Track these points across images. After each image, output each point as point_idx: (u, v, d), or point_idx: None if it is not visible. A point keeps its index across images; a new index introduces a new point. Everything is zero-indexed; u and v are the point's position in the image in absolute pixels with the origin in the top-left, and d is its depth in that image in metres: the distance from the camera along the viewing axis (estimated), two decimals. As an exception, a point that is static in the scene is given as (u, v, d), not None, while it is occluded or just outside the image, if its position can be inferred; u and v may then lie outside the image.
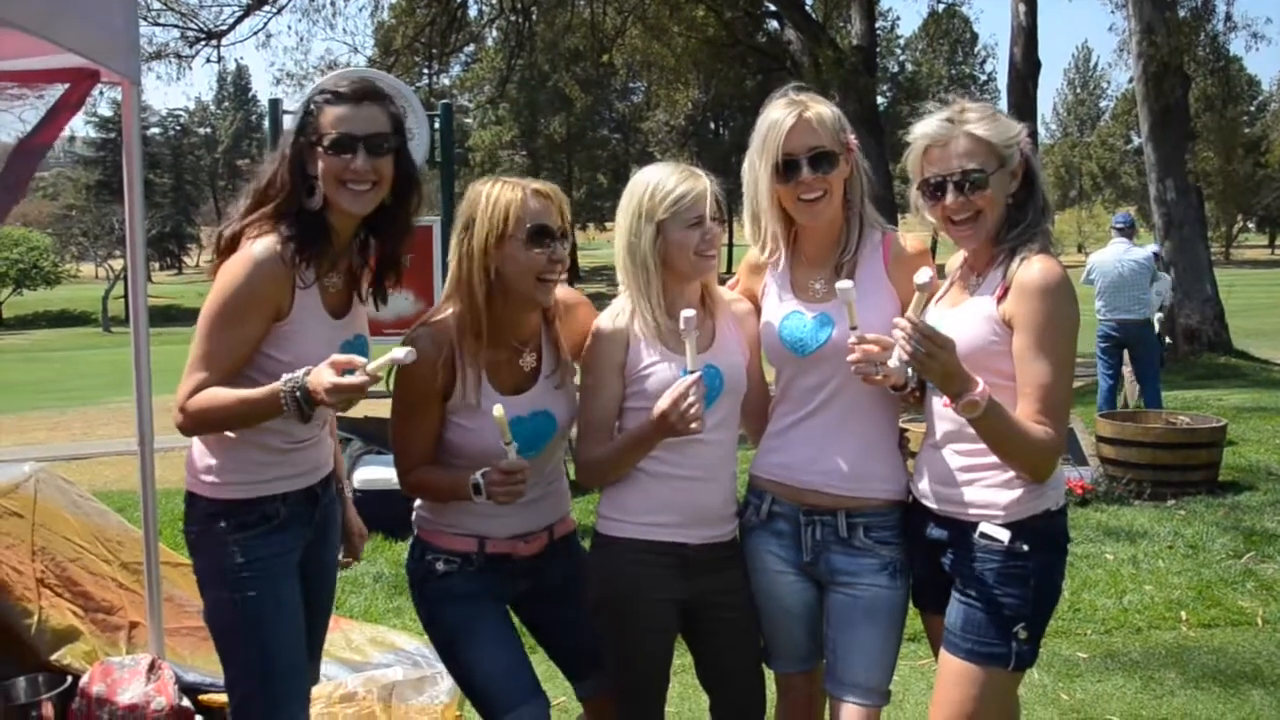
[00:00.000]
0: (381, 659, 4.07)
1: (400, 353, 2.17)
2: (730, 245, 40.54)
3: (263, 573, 2.50)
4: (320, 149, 2.39)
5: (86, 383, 22.09)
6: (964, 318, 2.35)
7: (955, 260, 2.54)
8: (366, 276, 2.63)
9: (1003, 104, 17.26)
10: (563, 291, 2.58)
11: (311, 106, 2.43)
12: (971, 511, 2.35)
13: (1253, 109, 64.26)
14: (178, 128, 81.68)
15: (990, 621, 2.31)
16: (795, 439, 2.55)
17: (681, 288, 2.52)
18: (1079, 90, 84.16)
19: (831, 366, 2.43)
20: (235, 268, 2.34)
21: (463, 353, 2.47)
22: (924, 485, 2.46)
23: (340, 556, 2.91)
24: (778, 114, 2.46)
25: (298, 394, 2.21)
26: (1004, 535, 2.30)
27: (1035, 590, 2.31)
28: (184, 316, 45.50)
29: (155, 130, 75.05)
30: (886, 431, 2.55)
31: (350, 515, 2.97)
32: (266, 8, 17.90)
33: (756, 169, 2.50)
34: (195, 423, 2.36)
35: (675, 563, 2.52)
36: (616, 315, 2.54)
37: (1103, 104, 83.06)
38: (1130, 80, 17.46)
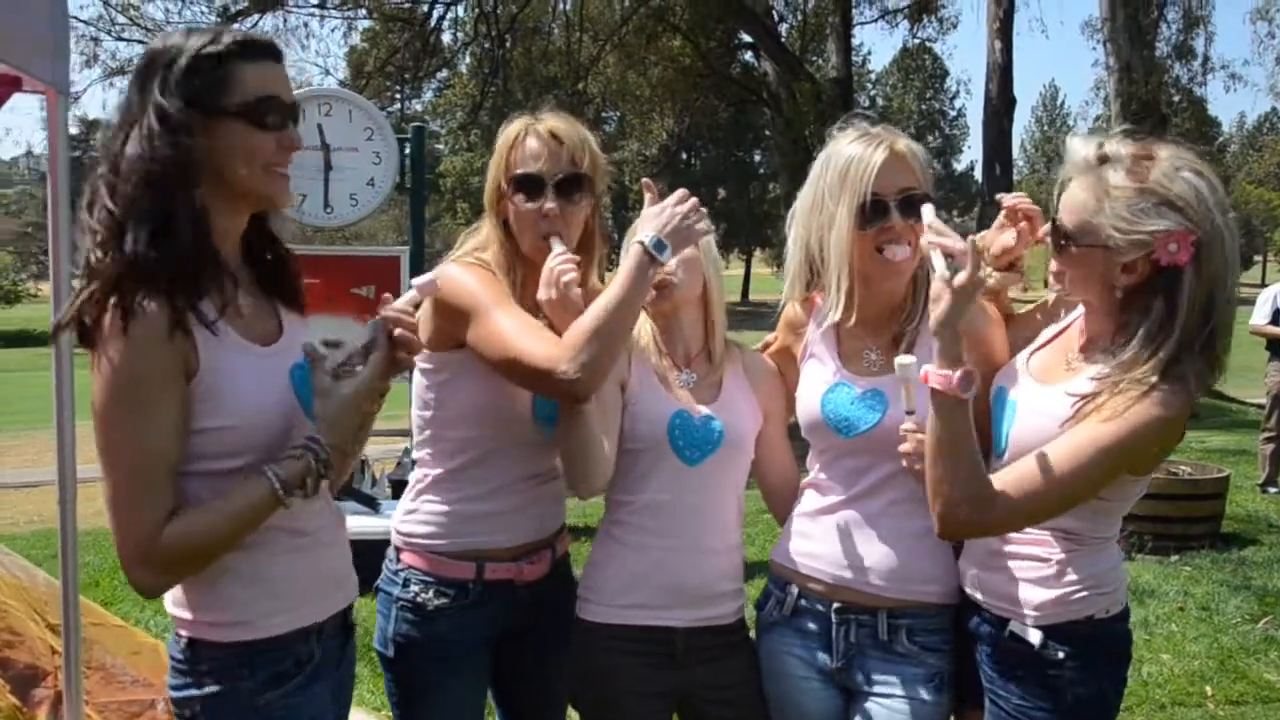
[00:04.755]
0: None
1: (422, 281, 1.95)
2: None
3: None
4: (246, 120, 1.71)
5: (37, 404, 21.36)
6: (1045, 405, 1.93)
7: (1072, 316, 2.06)
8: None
9: (977, 140, 17.17)
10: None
11: (206, 62, 1.69)
12: (1003, 606, 1.99)
13: (1213, 150, 65.34)
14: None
15: None
16: (831, 525, 2.16)
17: (666, 324, 2.25)
18: (1046, 128, 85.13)
19: (880, 452, 2.03)
20: (110, 354, 1.62)
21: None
22: (964, 568, 2.11)
23: None
24: (857, 149, 2.04)
25: (318, 451, 1.70)
26: (1035, 637, 1.94)
27: (1072, 705, 1.93)
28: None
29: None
30: None
31: None
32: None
33: (829, 209, 2.06)
34: (181, 569, 1.72)
35: (661, 650, 2.17)
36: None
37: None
38: (1096, 119, 17.49)
